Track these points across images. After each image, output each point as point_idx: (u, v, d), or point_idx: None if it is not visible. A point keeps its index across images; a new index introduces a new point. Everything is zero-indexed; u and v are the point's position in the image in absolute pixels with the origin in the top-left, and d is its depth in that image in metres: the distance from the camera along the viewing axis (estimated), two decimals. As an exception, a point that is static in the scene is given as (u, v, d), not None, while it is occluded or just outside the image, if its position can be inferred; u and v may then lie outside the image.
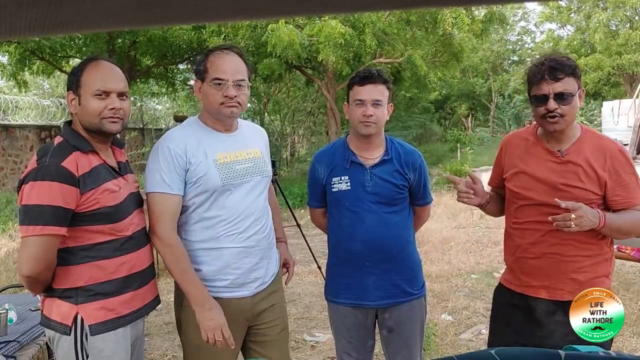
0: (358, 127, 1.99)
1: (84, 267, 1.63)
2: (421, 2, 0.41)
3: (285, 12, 0.48)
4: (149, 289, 1.79)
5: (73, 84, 1.66)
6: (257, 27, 10.51)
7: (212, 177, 1.77)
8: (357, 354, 2.12)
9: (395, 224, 2.02)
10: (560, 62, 1.75)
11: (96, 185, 1.61)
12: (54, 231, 1.54)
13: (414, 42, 11.47)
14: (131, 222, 1.72)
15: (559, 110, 1.73)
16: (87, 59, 1.72)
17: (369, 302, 2.05)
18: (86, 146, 1.64)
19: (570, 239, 1.79)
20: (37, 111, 13.79)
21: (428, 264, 5.52)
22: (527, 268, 1.89)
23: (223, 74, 1.77)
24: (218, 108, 1.79)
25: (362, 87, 1.97)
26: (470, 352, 1.88)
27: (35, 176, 1.55)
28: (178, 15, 0.41)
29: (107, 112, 1.63)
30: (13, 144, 11.69)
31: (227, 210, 1.80)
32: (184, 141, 1.79)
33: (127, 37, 11.96)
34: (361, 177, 2.00)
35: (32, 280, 1.60)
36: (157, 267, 6.02)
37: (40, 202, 1.52)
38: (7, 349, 2.37)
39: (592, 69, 19.72)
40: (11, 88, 15.88)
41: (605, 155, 1.79)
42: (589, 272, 1.82)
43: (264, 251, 1.89)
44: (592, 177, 1.78)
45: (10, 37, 0.42)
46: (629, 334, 3.45)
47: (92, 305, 1.64)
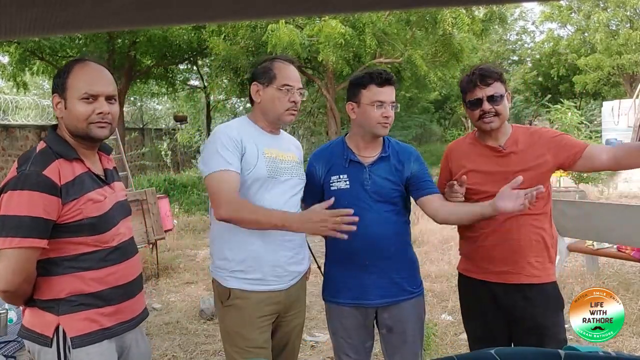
0: (375, 128, 2.00)
1: (67, 277, 1.55)
2: (421, 2, 0.41)
3: (285, 12, 0.48)
4: (136, 301, 1.71)
5: (59, 86, 1.56)
6: (257, 27, 10.50)
7: (260, 166, 1.88)
8: (355, 355, 2.12)
9: (393, 223, 2.04)
10: (488, 70, 2.02)
11: (79, 195, 1.52)
12: (34, 244, 1.45)
13: (414, 42, 11.48)
14: (117, 233, 1.64)
15: (493, 109, 1.98)
16: (73, 60, 1.62)
17: (368, 301, 2.05)
18: (70, 153, 1.56)
19: (524, 224, 1.99)
20: (37, 111, 13.80)
21: (428, 264, 5.52)
22: (487, 256, 2.05)
23: (291, 81, 1.93)
24: (283, 112, 1.93)
25: (382, 88, 1.99)
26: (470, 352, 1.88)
27: (15, 185, 1.46)
28: (178, 16, 0.41)
29: (95, 117, 1.55)
30: (13, 144, 11.69)
31: (269, 202, 1.88)
32: (240, 131, 1.91)
33: (127, 37, 11.96)
34: (360, 175, 2.02)
35: (10, 295, 1.52)
36: (157, 268, 6.01)
37: (19, 212, 1.44)
38: (7, 349, 2.38)
39: (592, 69, 19.70)
40: (11, 88, 15.88)
41: (534, 136, 2.05)
42: (539, 257, 2.02)
43: (298, 246, 1.99)
44: (534, 157, 2.00)
45: (10, 37, 0.42)
46: (629, 334, 3.44)
47: (75, 316, 1.55)
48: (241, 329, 1.91)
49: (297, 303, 2.05)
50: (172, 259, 6.02)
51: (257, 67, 2.01)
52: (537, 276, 2.00)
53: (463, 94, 2.09)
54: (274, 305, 1.94)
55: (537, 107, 20.60)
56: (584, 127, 9.61)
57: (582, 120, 9.60)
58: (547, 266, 2.03)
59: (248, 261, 1.89)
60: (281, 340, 2.06)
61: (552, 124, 9.44)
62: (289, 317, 2.04)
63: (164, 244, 6.10)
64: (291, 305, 2.02)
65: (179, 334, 3.87)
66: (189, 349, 3.62)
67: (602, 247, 4.50)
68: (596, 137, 11.59)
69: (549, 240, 2.04)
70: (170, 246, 6.58)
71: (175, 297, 4.78)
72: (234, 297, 1.91)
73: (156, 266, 5.46)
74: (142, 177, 12.00)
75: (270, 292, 1.92)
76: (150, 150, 15.58)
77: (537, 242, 2.01)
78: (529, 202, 1.73)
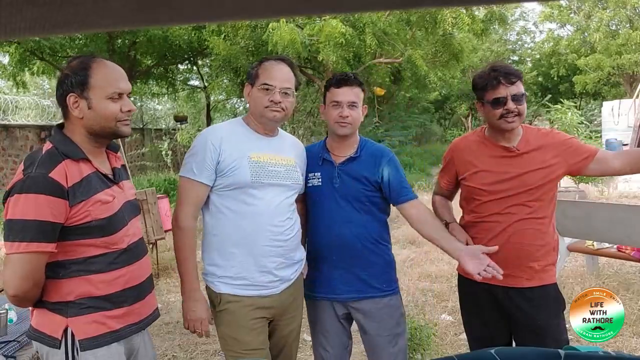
0: (334, 128, 2.07)
1: (75, 280, 1.53)
2: (421, 2, 0.41)
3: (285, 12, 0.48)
4: (146, 302, 1.70)
5: (77, 85, 1.52)
6: (257, 27, 10.50)
7: (243, 171, 1.87)
8: (333, 349, 2.16)
9: (360, 221, 2.06)
10: (511, 68, 2.00)
11: (87, 196, 1.50)
12: (41, 248, 1.43)
13: (414, 42, 11.47)
14: (126, 234, 1.62)
15: (516, 109, 1.95)
16: (85, 57, 1.57)
17: (336, 295, 2.10)
18: (77, 153, 1.53)
19: (529, 228, 1.98)
20: (37, 111, 13.80)
21: (428, 264, 5.52)
22: (491, 258, 2.02)
23: (272, 81, 1.91)
24: (262, 111, 1.92)
25: (338, 89, 2.05)
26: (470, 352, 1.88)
27: (21, 189, 1.43)
28: (178, 16, 0.41)
29: (122, 115, 1.56)
30: (13, 144, 11.69)
31: (255, 207, 1.88)
32: (222, 134, 1.91)
33: (127, 37, 11.97)
34: (330, 173, 2.08)
35: (19, 299, 1.51)
36: (157, 268, 5.99)
37: (25, 216, 1.42)
38: (7, 349, 2.38)
39: (592, 69, 19.69)
40: (11, 88, 15.87)
41: (546, 138, 2.03)
42: (541, 260, 2.00)
43: (291, 250, 1.97)
44: (545, 159, 2.00)
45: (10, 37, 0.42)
46: (629, 334, 3.44)
47: (83, 319, 1.54)
48: (235, 333, 1.91)
49: (292, 307, 2.04)
50: (172, 259, 6.00)
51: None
52: (539, 279, 2.00)
53: (481, 92, 2.02)
54: (266, 309, 1.94)
55: (537, 107, 20.59)
56: (583, 127, 9.62)
57: (582, 120, 9.61)
58: (549, 268, 2.03)
59: (237, 267, 1.89)
60: (277, 344, 2.06)
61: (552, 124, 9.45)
62: (284, 322, 2.03)
63: (164, 244, 6.10)
64: (286, 309, 2.01)
65: (179, 334, 3.87)
66: (189, 349, 3.62)
67: (602, 247, 4.50)
68: (596, 137, 11.60)
69: (551, 243, 2.04)
70: (170, 246, 6.56)
71: (175, 297, 4.78)
72: (225, 302, 1.91)
73: (156, 266, 5.46)
74: (142, 177, 12.01)
75: (261, 297, 1.92)
76: (150, 150, 15.59)
77: (541, 247, 2.00)
78: (489, 273, 1.81)
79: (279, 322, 2.02)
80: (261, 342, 1.94)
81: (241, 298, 1.89)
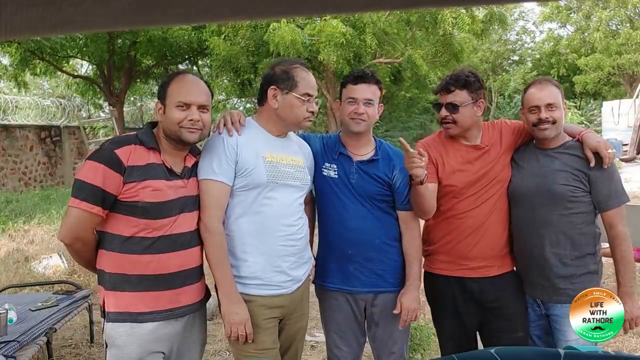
0: (349, 124, 2.06)
1: (112, 255, 1.73)
2: (421, 2, 0.41)
3: (285, 12, 0.48)
4: (180, 292, 1.80)
5: (161, 94, 1.81)
6: (258, 27, 10.51)
7: (259, 172, 1.87)
8: (348, 348, 2.15)
9: (376, 218, 2.07)
10: (458, 76, 2.08)
11: (140, 179, 1.70)
12: (88, 208, 1.65)
13: (414, 42, 11.48)
14: (170, 224, 1.76)
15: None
16: (175, 72, 1.88)
17: (352, 288, 2.09)
18: (149, 143, 1.76)
19: (500, 219, 2.10)
20: (37, 111, 13.79)
21: (428, 264, 5.51)
22: (468, 252, 2.10)
23: (312, 90, 1.94)
24: (301, 121, 1.94)
25: (355, 85, 2.04)
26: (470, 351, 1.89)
27: (91, 156, 1.72)
28: (178, 16, 0.41)
29: (186, 123, 1.75)
30: (13, 144, 11.70)
31: (269, 207, 1.89)
32: (237, 135, 1.90)
33: (127, 37, 11.98)
34: (347, 168, 2.08)
35: (67, 247, 1.77)
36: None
37: (84, 178, 1.67)
38: (7, 349, 2.38)
39: (592, 69, 19.71)
40: (11, 88, 15.88)
41: (496, 128, 2.18)
42: (505, 246, 2.13)
43: (301, 250, 1.99)
44: (504, 145, 2.14)
45: (11, 37, 0.42)
46: (629, 334, 3.44)
47: (113, 293, 1.74)
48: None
49: (300, 305, 2.05)
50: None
51: (274, 69, 1.96)
52: (507, 265, 2.13)
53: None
54: (278, 308, 1.95)
55: (537, 107, 20.58)
56: (584, 127, 9.63)
57: (582, 120, 9.61)
58: (511, 255, 2.16)
59: (251, 267, 1.89)
60: (285, 342, 2.06)
61: (552, 124, 9.46)
62: (292, 320, 2.04)
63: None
64: (295, 307, 2.02)
65: (179, 334, 3.87)
66: (189, 349, 3.61)
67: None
68: (596, 137, 11.57)
69: (508, 229, 2.16)
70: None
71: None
72: None
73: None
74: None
75: (274, 296, 1.92)
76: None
77: (505, 234, 2.12)
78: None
79: (288, 321, 2.03)
80: (273, 342, 1.94)
81: (255, 298, 1.89)
